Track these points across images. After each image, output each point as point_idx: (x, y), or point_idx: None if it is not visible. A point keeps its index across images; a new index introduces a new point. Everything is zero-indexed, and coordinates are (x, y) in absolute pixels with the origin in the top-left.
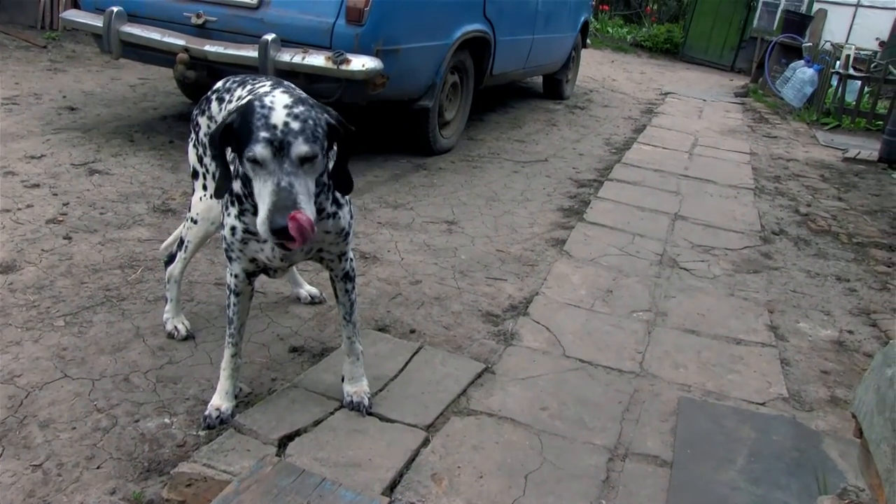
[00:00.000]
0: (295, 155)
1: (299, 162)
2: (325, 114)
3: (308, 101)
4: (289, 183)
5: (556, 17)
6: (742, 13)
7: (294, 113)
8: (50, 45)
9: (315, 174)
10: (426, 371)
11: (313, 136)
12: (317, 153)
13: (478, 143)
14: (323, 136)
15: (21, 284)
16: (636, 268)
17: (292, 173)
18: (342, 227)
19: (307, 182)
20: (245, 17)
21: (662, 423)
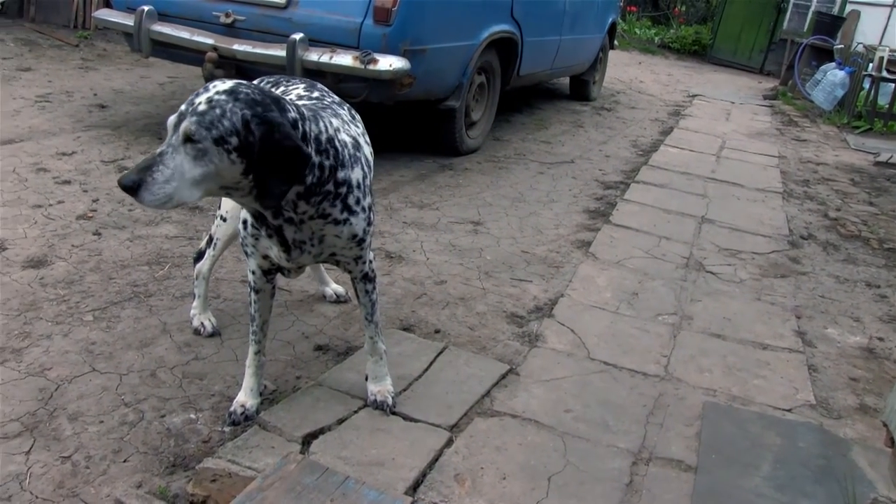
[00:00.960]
0: (182, 130)
1: (183, 139)
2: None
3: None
4: (162, 153)
5: (584, 18)
6: (772, 15)
7: (212, 99)
8: (82, 44)
9: (205, 165)
10: (450, 371)
11: (210, 123)
12: (202, 139)
13: (504, 144)
14: (228, 130)
15: (52, 279)
16: (662, 271)
17: (172, 146)
18: (355, 233)
19: (187, 164)
20: (273, 16)
21: (687, 427)
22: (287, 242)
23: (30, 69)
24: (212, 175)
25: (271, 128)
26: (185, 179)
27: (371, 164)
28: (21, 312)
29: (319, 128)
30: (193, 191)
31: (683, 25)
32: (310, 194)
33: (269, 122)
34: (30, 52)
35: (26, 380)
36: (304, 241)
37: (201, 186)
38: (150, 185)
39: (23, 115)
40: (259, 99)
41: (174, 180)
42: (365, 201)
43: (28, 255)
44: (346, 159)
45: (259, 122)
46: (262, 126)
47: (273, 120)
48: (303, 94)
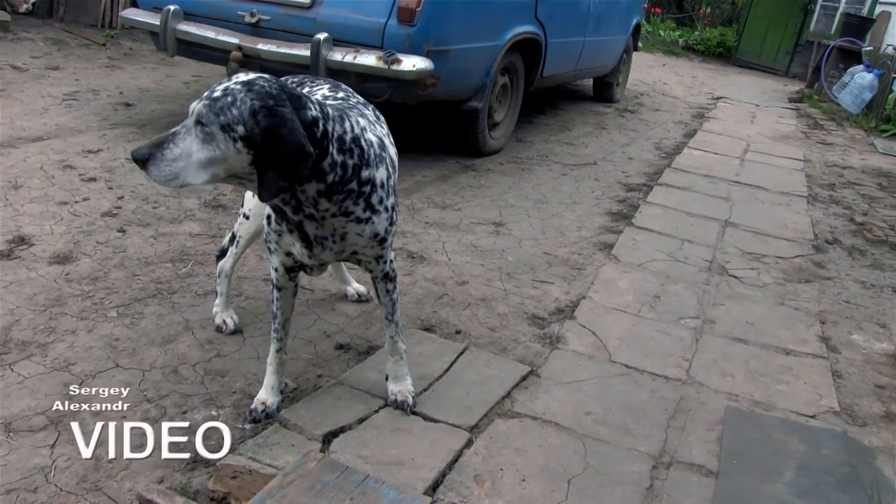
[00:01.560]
0: (194, 110)
1: (193, 121)
2: (258, 104)
3: (256, 88)
4: (175, 132)
5: (608, 20)
6: (798, 17)
7: (227, 88)
8: (109, 43)
9: (212, 149)
10: (471, 372)
11: (220, 110)
12: (209, 123)
13: (526, 145)
14: (235, 118)
15: (77, 275)
16: (684, 274)
17: (185, 128)
18: (376, 232)
19: (195, 146)
20: (298, 16)
21: (708, 432)
22: (308, 238)
23: (58, 68)
24: (218, 160)
25: (278, 121)
26: (191, 161)
27: (396, 164)
28: (47, 308)
29: (344, 127)
30: (200, 173)
31: (708, 27)
32: (332, 192)
33: (276, 115)
34: (58, 51)
35: (51, 374)
36: (326, 238)
37: (208, 170)
38: (159, 160)
39: (51, 112)
40: (273, 93)
41: (182, 160)
42: (388, 201)
43: (54, 251)
44: (371, 158)
45: (266, 114)
46: (268, 118)
47: (281, 114)
48: (328, 94)
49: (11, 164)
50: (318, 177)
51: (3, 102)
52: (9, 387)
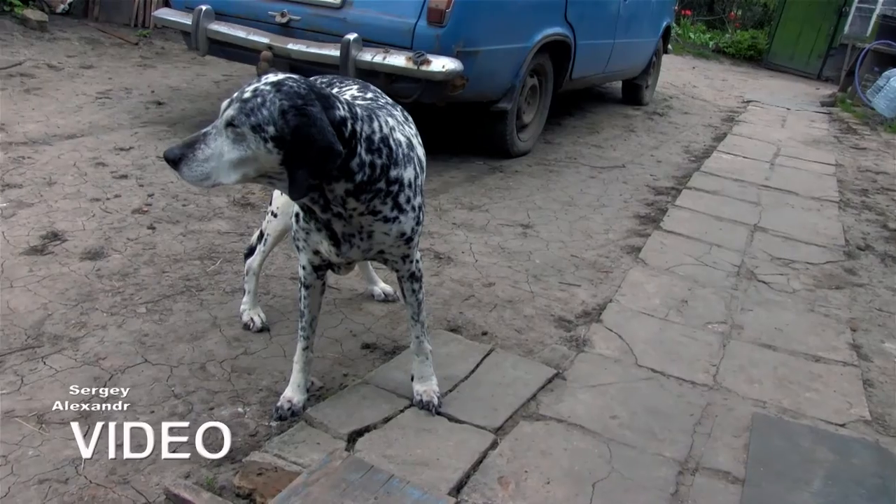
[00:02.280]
0: (224, 116)
1: (225, 123)
2: (287, 104)
3: (285, 88)
4: (206, 133)
5: (638, 22)
6: (832, 19)
7: (257, 89)
8: (141, 42)
9: (243, 150)
10: (497, 374)
11: (250, 111)
12: (240, 124)
13: (555, 147)
14: (265, 118)
15: (107, 271)
16: (712, 279)
17: (216, 128)
18: (403, 231)
19: (226, 146)
20: (328, 16)
21: (735, 438)
22: (336, 236)
23: (92, 66)
24: (249, 160)
25: (306, 121)
26: (223, 161)
27: (424, 164)
28: (78, 303)
29: (373, 127)
30: (231, 173)
31: (739, 30)
32: (360, 191)
33: (305, 114)
34: (92, 50)
35: (82, 368)
36: (353, 236)
37: (239, 170)
38: (191, 161)
39: (84, 111)
40: (302, 93)
41: (213, 160)
42: (415, 200)
43: (86, 247)
44: (399, 158)
45: (296, 113)
46: (297, 118)
47: (310, 113)
48: (356, 94)
49: (46, 161)
50: (346, 176)
51: (38, 100)
52: (41, 379)
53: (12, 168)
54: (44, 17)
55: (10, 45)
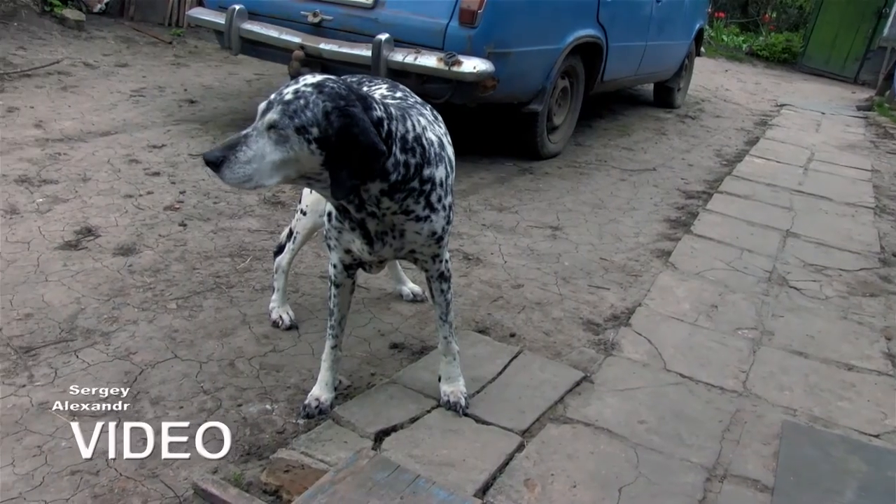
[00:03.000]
0: (266, 118)
1: (267, 125)
2: (330, 105)
3: (327, 90)
4: (246, 135)
5: (671, 24)
6: (871, 21)
7: (298, 90)
8: (175, 41)
9: (285, 151)
10: (524, 376)
11: (294, 113)
12: (284, 126)
13: (585, 150)
14: (309, 120)
15: (139, 267)
16: (743, 284)
17: (257, 130)
18: (434, 230)
19: (268, 148)
20: (360, 16)
21: (764, 446)
22: (370, 235)
23: (126, 65)
24: (291, 162)
25: (350, 122)
26: (264, 162)
27: (453, 164)
28: (110, 297)
29: (406, 127)
30: (272, 175)
31: (773, 32)
32: (394, 191)
33: (348, 115)
34: (127, 49)
35: (113, 362)
36: (386, 234)
37: (280, 172)
38: (233, 163)
39: (118, 108)
40: (343, 93)
41: (255, 162)
42: (446, 200)
43: (118, 242)
44: (431, 157)
45: (339, 114)
46: (341, 119)
47: (353, 114)
48: (386, 93)
49: (81, 158)
50: (381, 176)
51: (75, 98)
52: (74, 373)
53: (49, 164)
54: (81, 16)
55: (49, 44)
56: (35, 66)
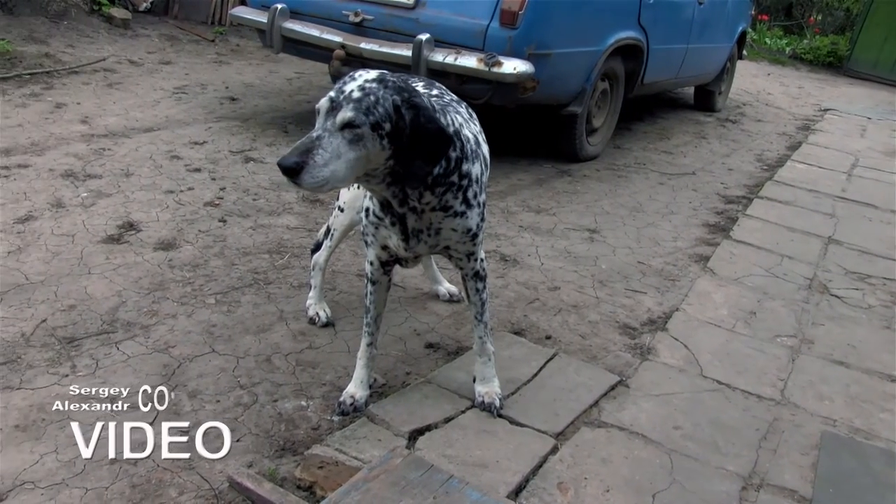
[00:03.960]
0: (338, 118)
1: (340, 125)
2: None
3: (390, 84)
4: (319, 136)
5: (713, 27)
6: None
7: (363, 87)
8: (217, 40)
9: (359, 149)
10: (559, 378)
11: (367, 110)
12: (361, 123)
13: (624, 153)
14: (382, 116)
15: (179, 262)
16: (783, 291)
17: (329, 131)
18: (469, 227)
19: (343, 148)
20: (401, 16)
21: (803, 456)
22: (407, 231)
23: (170, 62)
24: (363, 159)
25: (418, 112)
26: (339, 163)
27: (488, 162)
28: (150, 291)
29: (447, 121)
30: (347, 175)
31: (818, 35)
32: (435, 184)
33: (416, 106)
34: (171, 47)
35: (152, 355)
36: (422, 231)
37: (353, 171)
38: (311, 168)
39: (161, 105)
40: (404, 86)
41: (331, 164)
42: (481, 197)
43: (159, 237)
44: (468, 153)
45: (408, 106)
46: (411, 111)
47: (421, 105)
48: (422, 91)
49: (125, 153)
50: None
51: (120, 94)
52: (114, 364)
53: (93, 159)
54: (127, 14)
55: (96, 42)
56: (82, 64)
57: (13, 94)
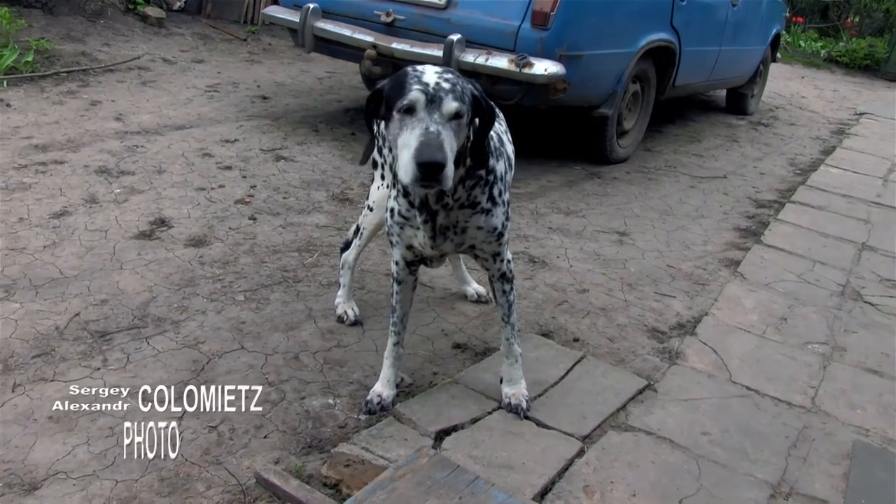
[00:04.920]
0: (445, 109)
1: (448, 117)
2: (470, 85)
3: (457, 74)
4: (437, 130)
5: (746, 29)
6: None
7: (444, 77)
8: (249, 39)
9: (459, 138)
10: (587, 381)
11: (461, 97)
12: (464, 112)
13: (654, 155)
14: (469, 102)
15: (209, 258)
16: (815, 297)
17: (440, 123)
18: (494, 225)
19: (452, 139)
20: (432, 16)
21: (833, 465)
22: (436, 228)
23: (203, 61)
24: (457, 148)
25: (483, 96)
26: (452, 155)
27: (512, 162)
28: (181, 287)
29: None
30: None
31: (855, 38)
32: (466, 177)
33: (480, 92)
34: (204, 46)
35: (182, 351)
36: (448, 228)
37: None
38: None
39: (194, 103)
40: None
41: (451, 156)
42: (505, 195)
43: (190, 234)
44: (493, 150)
45: (480, 94)
46: (482, 98)
47: (481, 91)
48: None
49: (157, 151)
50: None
51: (153, 92)
52: (145, 359)
53: (127, 156)
54: (161, 13)
55: (131, 41)
56: (117, 62)
57: (51, 92)
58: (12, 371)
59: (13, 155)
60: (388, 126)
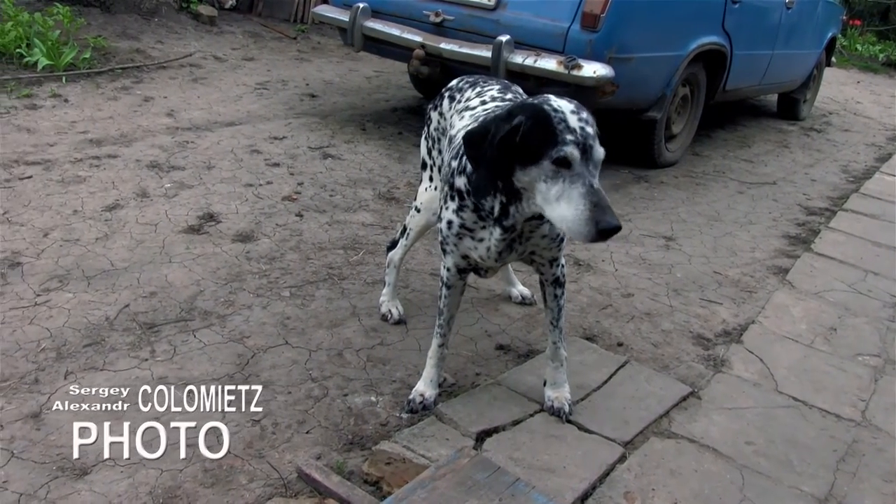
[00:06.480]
0: (597, 157)
1: (598, 165)
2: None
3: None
4: (598, 187)
5: (800, 32)
6: None
7: (583, 118)
8: (299, 37)
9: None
10: (630, 386)
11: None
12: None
13: (703, 160)
14: None
15: (256, 254)
16: (866, 308)
17: (594, 175)
18: (557, 232)
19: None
20: (481, 17)
21: (885, 483)
22: (512, 244)
23: (253, 59)
24: None
25: None
26: None
27: None
28: (228, 282)
29: None
30: None
31: None
32: None
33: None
34: (254, 44)
35: (227, 344)
36: (514, 240)
37: None
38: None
39: (243, 100)
40: None
41: None
42: None
43: (238, 229)
44: None
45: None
46: None
47: None
48: (496, 95)
49: (207, 147)
50: None
51: (204, 89)
52: (191, 351)
53: (177, 151)
54: (214, 12)
55: (184, 38)
56: (170, 59)
57: (106, 88)
58: (65, 359)
59: (69, 149)
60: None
